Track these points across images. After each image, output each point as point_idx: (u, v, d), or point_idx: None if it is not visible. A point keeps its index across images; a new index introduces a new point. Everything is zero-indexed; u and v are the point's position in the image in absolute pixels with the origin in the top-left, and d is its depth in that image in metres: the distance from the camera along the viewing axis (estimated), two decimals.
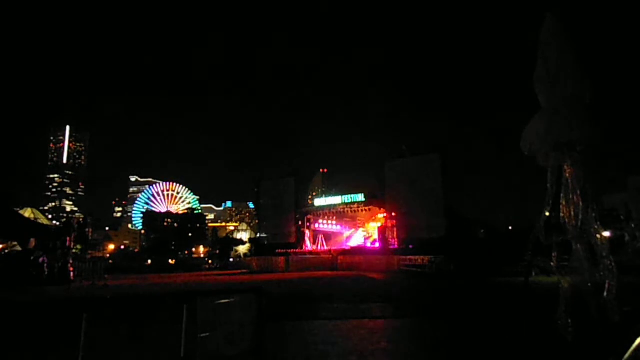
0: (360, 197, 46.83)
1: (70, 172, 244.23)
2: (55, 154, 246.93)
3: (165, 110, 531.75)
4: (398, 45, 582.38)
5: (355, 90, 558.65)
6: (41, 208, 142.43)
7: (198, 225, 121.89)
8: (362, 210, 47.98)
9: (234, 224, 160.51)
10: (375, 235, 47.41)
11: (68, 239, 26.21)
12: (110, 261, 62.69)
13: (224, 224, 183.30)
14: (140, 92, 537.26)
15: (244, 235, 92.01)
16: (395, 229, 40.68)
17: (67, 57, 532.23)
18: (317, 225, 51.94)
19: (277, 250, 44.97)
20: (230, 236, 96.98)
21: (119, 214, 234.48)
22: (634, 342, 2.02)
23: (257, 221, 67.13)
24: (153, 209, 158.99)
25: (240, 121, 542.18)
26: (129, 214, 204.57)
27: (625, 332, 2.12)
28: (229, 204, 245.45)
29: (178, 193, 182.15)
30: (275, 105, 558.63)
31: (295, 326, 9.19)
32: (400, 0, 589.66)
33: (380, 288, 20.51)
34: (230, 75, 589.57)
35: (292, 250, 44.99)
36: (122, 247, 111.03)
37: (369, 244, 48.94)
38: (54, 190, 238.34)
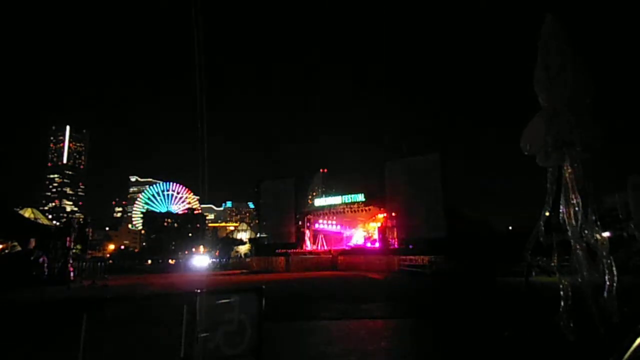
0: (360, 197, 46.81)
1: (70, 172, 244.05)
2: (55, 154, 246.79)
3: (165, 110, 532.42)
4: (399, 46, 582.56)
5: (355, 90, 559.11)
6: (41, 208, 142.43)
7: (198, 225, 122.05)
8: (362, 210, 47.92)
9: (234, 224, 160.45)
10: (375, 235, 47.37)
11: (68, 239, 26.15)
12: (110, 261, 62.53)
13: (224, 224, 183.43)
14: (140, 92, 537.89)
15: (244, 235, 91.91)
16: (395, 229, 40.63)
17: (68, 57, 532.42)
18: (317, 225, 51.85)
19: (277, 250, 44.89)
20: (230, 236, 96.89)
21: (119, 214, 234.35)
22: (634, 342, 2.02)
23: (257, 221, 67.10)
24: (153, 209, 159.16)
25: (240, 121, 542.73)
26: (129, 214, 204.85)
27: (625, 332, 2.11)
28: (229, 204, 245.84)
29: (178, 193, 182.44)
30: (275, 105, 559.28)
31: (295, 326, 9.18)
32: (401, 1, 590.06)
33: (380, 288, 20.51)
34: (230, 76, 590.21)
35: (292, 250, 44.91)
36: (122, 247, 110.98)
37: (369, 244, 48.88)
38: (54, 190, 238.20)
